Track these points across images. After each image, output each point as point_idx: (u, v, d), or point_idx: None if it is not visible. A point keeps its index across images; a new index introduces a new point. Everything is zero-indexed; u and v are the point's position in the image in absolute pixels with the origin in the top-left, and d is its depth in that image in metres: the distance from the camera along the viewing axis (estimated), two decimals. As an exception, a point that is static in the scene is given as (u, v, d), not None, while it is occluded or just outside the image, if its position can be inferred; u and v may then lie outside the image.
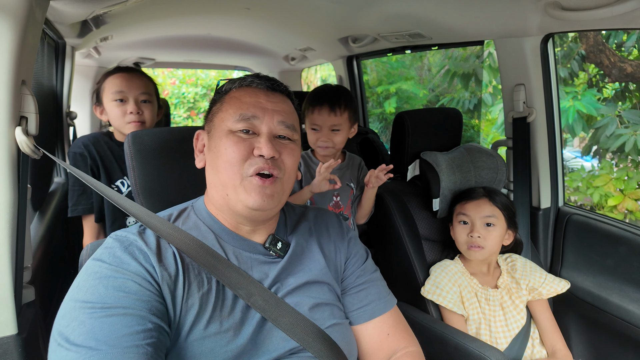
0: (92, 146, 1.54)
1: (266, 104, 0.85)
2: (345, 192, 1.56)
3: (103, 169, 1.54)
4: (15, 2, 0.80)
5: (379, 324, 0.94)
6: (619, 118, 3.78)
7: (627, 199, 3.86)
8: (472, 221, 1.39)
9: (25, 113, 0.89)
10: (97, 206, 1.53)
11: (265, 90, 0.88)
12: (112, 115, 1.55)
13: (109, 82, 1.56)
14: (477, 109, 5.33)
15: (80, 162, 1.51)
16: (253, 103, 0.85)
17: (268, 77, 0.91)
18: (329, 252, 0.95)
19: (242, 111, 0.83)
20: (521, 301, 1.39)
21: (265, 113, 0.84)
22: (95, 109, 1.61)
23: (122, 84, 1.54)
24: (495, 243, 1.38)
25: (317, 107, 1.47)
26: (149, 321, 0.67)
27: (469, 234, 1.38)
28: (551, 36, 1.56)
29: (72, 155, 1.53)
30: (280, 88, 0.91)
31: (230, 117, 0.83)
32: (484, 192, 1.43)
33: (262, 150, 0.80)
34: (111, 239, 0.77)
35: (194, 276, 0.76)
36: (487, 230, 1.37)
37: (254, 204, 0.79)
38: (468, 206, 1.41)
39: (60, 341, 0.63)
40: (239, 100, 0.85)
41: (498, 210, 1.39)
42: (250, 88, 0.88)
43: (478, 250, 1.36)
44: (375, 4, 1.71)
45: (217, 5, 1.97)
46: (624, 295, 1.42)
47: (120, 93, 1.53)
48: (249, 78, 0.89)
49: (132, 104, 1.53)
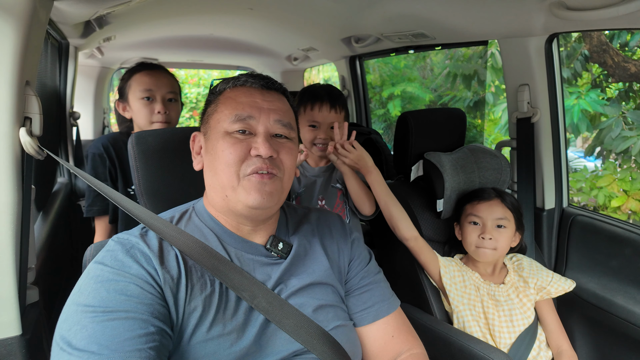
0: (112, 147, 1.52)
1: (262, 103, 0.85)
2: (331, 195, 1.51)
3: (121, 171, 1.53)
4: (19, 2, 0.80)
5: (383, 325, 0.93)
6: (623, 119, 3.76)
7: (630, 200, 3.84)
8: (483, 222, 1.38)
9: (29, 114, 0.89)
10: (112, 206, 1.52)
11: (260, 89, 0.87)
12: (139, 114, 1.53)
13: (136, 80, 1.54)
14: (480, 109, 5.32)
15: (99, 163, 1.50)
16: (248, 103, 0.84)
17: (262, 76, 0.90)
18: (333, 254, 0.94)
19: (237, 111, 0.82)
20: (528, 300, 1.38)
21: (261, 112, 0.83)
22: (117, 104, 1.58)
23: (151, 82, 1.53)
24: (506, 245, 1.37)
25: (317, 104, 1.43)
26: (151, 325, 0.66)
27: (480, 235, 1.37)
28: (556, 36, 1.55)
29: (92, 157, 1.51)
30: (275, 86, 0.90)
31: (226, 117, 0.83)
32: (495, 193, 1.42)
33: (260, 150, 0.80)
34: (113, 241, 0.77)
35: (197, 278, 0.76)
36: (498, 232, 1.36)
37: (254, 202, 0.79)
38: (480, 207, 1.40)
39: (63, 345, 0.63)
40: (234, 100, 0.85)
41: (509, 212, 1.38)
42: (244, 87, 0.87)
43: (489, 251, 1.35)
44: (378, 4, 1.71)
45: (219, 6, 1.97)
46: (629, 297, 1.41)
47: (148, 91, 1.52)
48: (243, 77, 0.89)
49: (160, 104, 1.52)
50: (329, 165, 1.54)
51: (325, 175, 1.53)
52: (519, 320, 1.34)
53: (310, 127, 1.45)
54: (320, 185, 1.52)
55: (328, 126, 1.44)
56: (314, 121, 1.44)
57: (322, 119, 1.43)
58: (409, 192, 1.62)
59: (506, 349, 1.31)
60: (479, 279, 1.39)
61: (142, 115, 1.53)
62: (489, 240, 1.35)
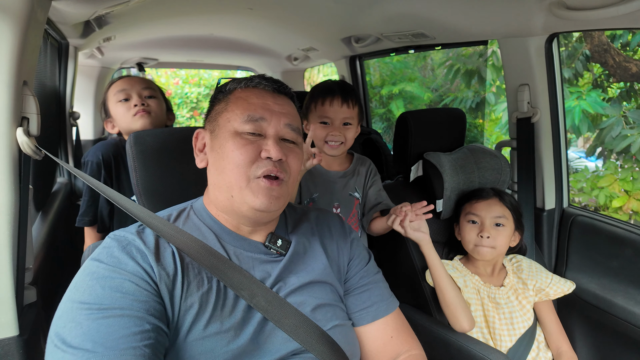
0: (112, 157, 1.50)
1: (273, 106, 0.85)
2: (348, 204, 1.43)
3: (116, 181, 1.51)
4: (16, 2, 0.80)
5: (382, 326, 0.93)
6: (624, 118, 3.75)
7: (632, 200, 3.83)
8: (482, 221, 1.38)
9: (27, 114, 0.88)
10: (101, 216, 1.52)
11: (272, 92, 0.88)
12: (119, 116, 1.52)
13: (111, 89, 1.55)
14: (480, 109, 5.31)
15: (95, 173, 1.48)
16: (260, 105, 0.84)
17: (274, 79, 0.90)
18: (332, 252, 0.94)
19: (249, 112, 0.82)
20: (528, 302, 1.38)
21: (273, 115, 0.84)
22: (106, 124, 1.58)
23: (124, 83, 1.54)
24: (504, 244, 1.37)
25: (328, 99, 1.34)
26: (146, 322, 0.66)
27: (479, 233, 1.37)
28: (556, 36, 1.55)
29: (89, 165, 1.48)
30: (286, 90, 0.91)
31: (237, 117, 0.83)
32: (494, 192, 1.43)
33: (271, 153, 0.80)
34: (109, 238, 0.77)
35: (194, 275, 0.76)
36: (496, 231, 1.36)
37: (261, 206, 0.79)
38: (478, 206, 1.40)
39: (57, 342, 0.63)
40: (245, 100, 0.85)
41: (508, 211, 1.38)
42: (256, 89, 0.87)
43: (487, 249, 1.35)
44: (378, 4, 1.70)
45: (219, 6, 1.97)
46: (629, 298, 1.41)
47: (123, 92, 1.51)
48: (256, 79, 0.89)
49: (136, 98, 1.51)
50: (347, 171, 1.46)
51: (343, 181, 1.45)
52: (519, 323, 1.34)
53: (322, 124, 1.35)
54: (337, 192, 1.44)
55: (341, 122, 1.34)
56: (326, 117, 1.35)
57: (333, 115, 1.34)
58: (408, 192, 1.62)
59: (506, 352, 1.30)
60: (479, 282, 1.39)
61: (121, 116, 1.51)
62: (487, 238, 1.35)
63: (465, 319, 1.26)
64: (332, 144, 1.36)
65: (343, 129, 1.36)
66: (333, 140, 1.35)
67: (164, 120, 1.60)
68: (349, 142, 1.38)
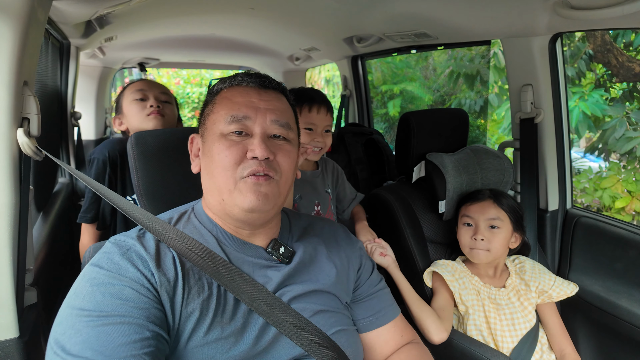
0: (118, 155, 1.52)
1: (258, 103, 0.82)
2: (324, 200, 1.53)
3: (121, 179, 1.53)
4: (16, 2, 0.79)
5: (393, 328, 0.96)
6: (627, 119, 3.73)
7: (635, 201, 3.81)
8: (476, 223, 1.37)
9: (27, 114, 0.88)
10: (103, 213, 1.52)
11: (257, 89, 0.85)
12: (131, 113, 1.54)
13: (129, 88, 1.58)
14: (483, 110, 5.29)
15: (101, 170, 1.50)
16: (244, 103, 0.82)
17: (259, 75, 0.88)
18: (340, 263, 0.93)
19: (233, 112, 0.80)
20: (530, 303, 1.37)
21: (258, 113, 0.81)
22: (114, 121, 1.60)
23: (143, 84, 1.57)
24: (500, 246, 1.36)
25: (315, 106, 1.43)
26: (146, 329, 0.65)
27: (473, 236, 1.36)
28: (559, 36, 1.54)
29: (95, 162, 1.50)
30: (273, 85, 0.87)
31: (221, 118, 0.81)
32: (489, 194, 1.41)
33: (255, 152, 0.77)
34: (110, 243, 0.76)
35: (194, 281, 0.75)
36: (491, 233, 1.35)
37: (250, 205, 0.77)
38: (472, 208, 1.39)
39: (57, 350, 0.62)
40: (229, 100, 0.83)
41: (503, 213, 1.37)
42: (241, 87, 0.85)
43: (482, 252, 1.34)
44: (380, 4, 1.70)
45: (221, 5, 1.97)
46: (633, 300, 1.40)
47: (140, 92, 1.55)
48: (239, 77, 0.87)
49: (152, 99, 1.54)
50: (318, 170, 1.56)
51: (318, 180, 1.54)
52: (520, 324, 1.33)
53: (307, 130, 1.43)
54: (316, 190, 1.53)
55: (323, 129, 1.46)
56: (312, 124, 1.43)
57: (319, 122, 1.44)
58: (410, 193, 1.61)
59: (508, 353, 1.29)
60: (479, 282, 1.38)
61: (134, 113, 1.53)
62: (481, 241, 1.34)
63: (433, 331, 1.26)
64: (316, 150, 1.47)
65: (325, 136, 1.46)
66: (316, 146, 1.45)
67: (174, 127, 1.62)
68: (327, 147, 1.49)
